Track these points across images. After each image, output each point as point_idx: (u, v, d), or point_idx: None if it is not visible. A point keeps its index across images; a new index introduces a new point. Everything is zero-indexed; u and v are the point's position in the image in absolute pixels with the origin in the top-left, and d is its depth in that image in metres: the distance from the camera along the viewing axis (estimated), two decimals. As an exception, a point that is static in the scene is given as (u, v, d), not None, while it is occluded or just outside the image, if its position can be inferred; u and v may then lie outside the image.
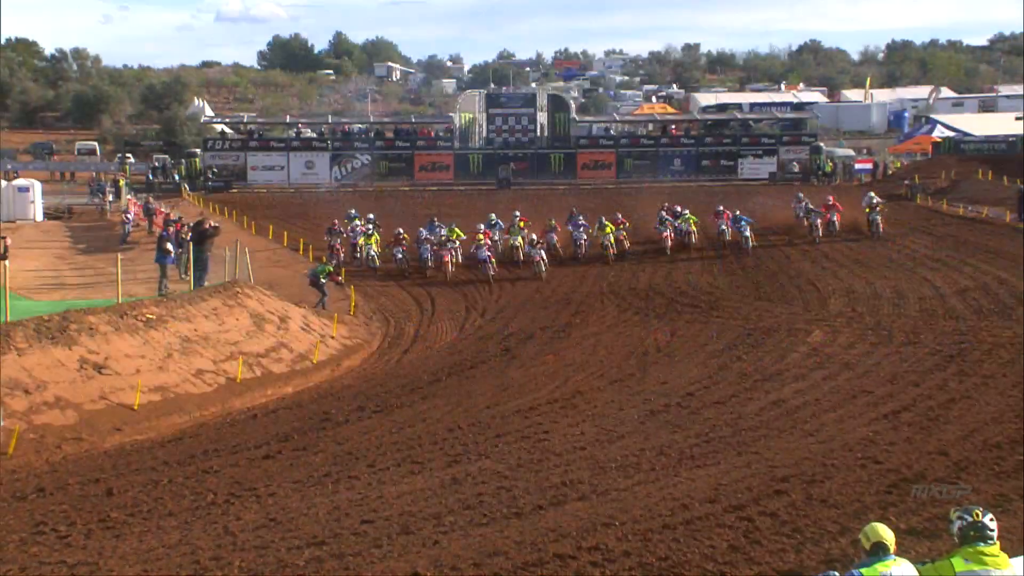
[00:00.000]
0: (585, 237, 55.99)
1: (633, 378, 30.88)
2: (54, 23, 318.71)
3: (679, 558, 15.91)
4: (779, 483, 19.37)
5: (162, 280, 39.22)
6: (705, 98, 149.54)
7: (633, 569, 15.56)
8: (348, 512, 19.32)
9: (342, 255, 53.99)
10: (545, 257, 51.59)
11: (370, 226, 57.99)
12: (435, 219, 57.25)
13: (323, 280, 43.37)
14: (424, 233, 54.20)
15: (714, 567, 15.44)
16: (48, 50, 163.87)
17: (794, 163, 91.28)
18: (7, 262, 31.20)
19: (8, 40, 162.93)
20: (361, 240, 55.67)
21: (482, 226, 54.42)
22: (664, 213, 58.40)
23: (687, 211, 58.56)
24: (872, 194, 61.34)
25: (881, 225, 56.56)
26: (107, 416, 27.75)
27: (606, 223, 55.83)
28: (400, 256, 53.06)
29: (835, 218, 57.65)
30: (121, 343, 30.27)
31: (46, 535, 19.49)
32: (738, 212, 57.44)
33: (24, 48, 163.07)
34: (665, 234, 55.30)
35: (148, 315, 32.19)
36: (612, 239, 54.45)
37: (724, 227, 55.84)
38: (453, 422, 26.95)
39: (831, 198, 59.28)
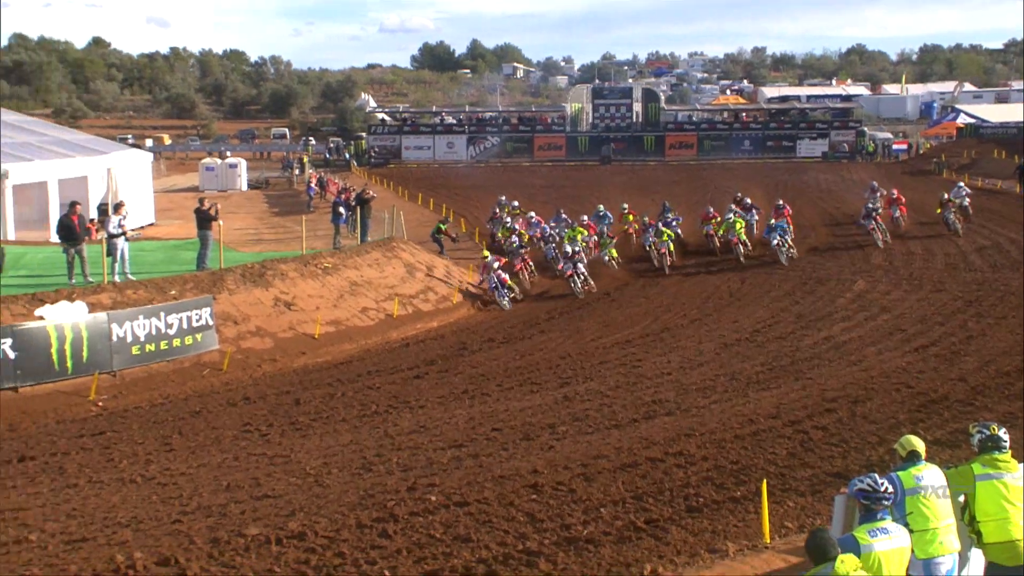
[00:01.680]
0: (680, 232, 46.09)
1: (710, 318, 31.09)
2: (258, 37, 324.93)
3: (747, 462, 16.10)
4: (829, 403, 19.42)
5: (336, 236, 39.93)
6: (770, 91, 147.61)
7: (710, 470, 15.75)
8: (481, 422, 19.82)
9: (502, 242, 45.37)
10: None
11: (507, 218, 49.09)
12: (561, 211, 49.10)
13: (439, 236, 44.04)
14: (547, 230, 44.47)
15: (775, 469, 15.55)
16: (253, 58, 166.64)
17: (844, 143, 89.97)
18: (220, 222, 31.89)
19: (224, 51, 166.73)
20: (500, 233, 47.24)
21: (586, 218, 45.49)
22: (735, 206, 47.51)
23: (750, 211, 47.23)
24: (962, 184, 50.99)
25: (960, 224, 44.73)
26: (294, 343, 28.60)
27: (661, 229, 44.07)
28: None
29: (899, 212, 45.90)
30: (305, 286, 31.02)
31: (251, 433, 20.42)
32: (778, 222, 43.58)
33: (235, 57, 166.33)
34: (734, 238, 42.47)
35: (325, 264, 32.87)
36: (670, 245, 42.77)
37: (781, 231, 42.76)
38: (565, 351, 27.47)
39: (895, 191, 47.86)
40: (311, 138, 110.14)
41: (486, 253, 36.79)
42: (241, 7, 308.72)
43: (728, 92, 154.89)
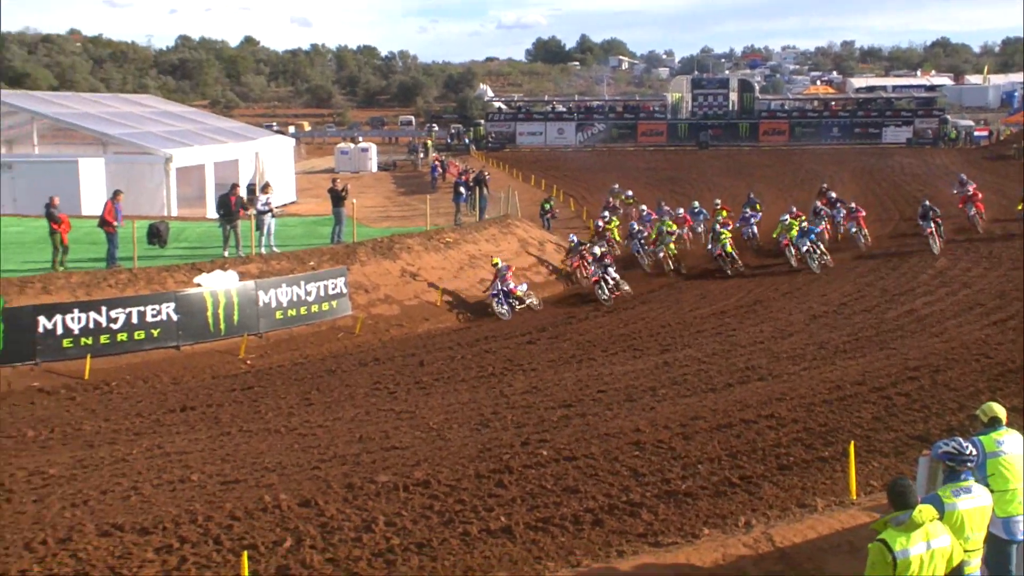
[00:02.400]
0: (755, 231, 39.71)
1: (800, 291, 30.52)
2: (388, 34, 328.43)
3: (834, 424, 15.86)
4: (911, 371, 18.96)
5: (457, 214, 40.06)
6: (858, 82, 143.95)
7: (799, 432, 15.57)
8: (588, 384, 19.80)
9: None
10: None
11: (606, 213, 41.71)
12: (663, 202, 44.41)
13: (544, 213, 43.95)
14: (634, 226, 38.09)
15: (861, 432, 15.26)
16: (384, 52, 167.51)
17: (928, 130, 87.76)
18: (354, 201, 32.26)
19: (358, 47, 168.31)
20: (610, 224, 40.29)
21: (681, 211, 40.87)
22: (819, 204, 41.21)
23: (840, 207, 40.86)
24: None
25: None
26: (419, 310, 28.81)
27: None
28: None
29: (974, 210, 39.40)
30: (428, 258, 31.15)
31: (381, 390, 20.69)
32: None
33: (368, 52, 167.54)
34: (822, 227, 37.44)
35: (447, 239, 32.97)
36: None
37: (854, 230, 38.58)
38: (665, 321, 27.33)
39: (971, 188, 40.67)
40: (434, 125, 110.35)
41: (496, 260, 30.65)
42: (374, 7, 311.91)
43: (818, 83, 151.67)
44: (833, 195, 43.08)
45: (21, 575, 11.32)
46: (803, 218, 37.43)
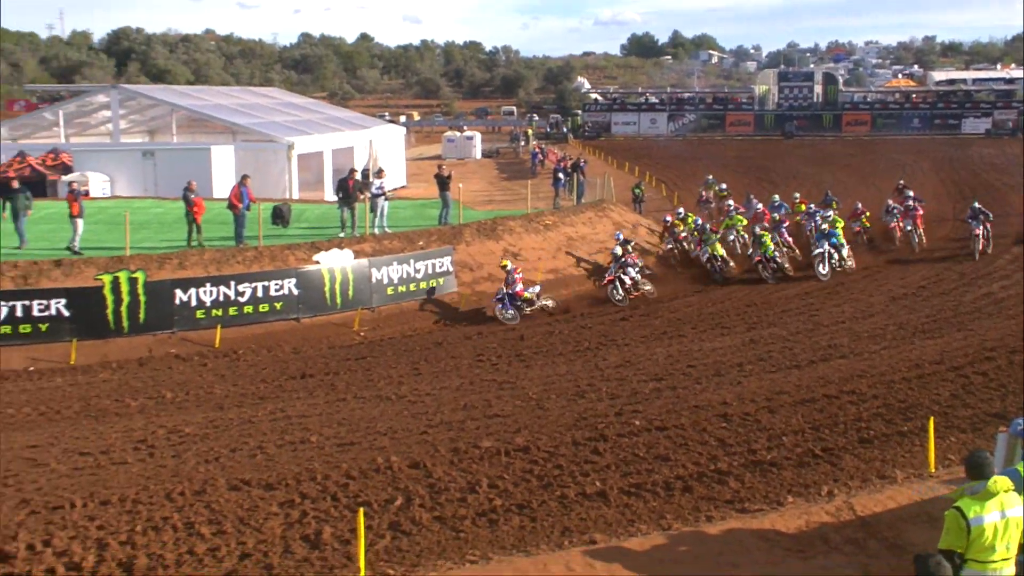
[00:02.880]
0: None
1: (880, 275, 30.01)
2: (492, 30, 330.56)
3: (913, 401, 15.59)
4: (988, 352, 18.46)
5: (556, 198, 40.00)
6: (938, 75, 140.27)
7: (880, 407, 15.33)
8: (678, 359, 19.67)
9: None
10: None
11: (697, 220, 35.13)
12: (752, 195, 40.66)
13: (636, 198, 43.79)
14: (698, 221, 33.76)
15: (939, 408, 14.96)
16: (488, 47, 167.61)
17: (1008, 121, 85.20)
18: (460, 185, 32.40)
19: (464, 42, 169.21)
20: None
21: (760, 206, 37.48)
22: (892, 202, 36.92)
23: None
24: None
25: None
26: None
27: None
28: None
29: None
30: (529, 240, 31.08)
31: (484, 362, 20.82)
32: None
33: (473, 47, 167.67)
34: (893, 224, 34.48)
35: (547, 221, 32.81)
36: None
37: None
38: (751, 300, 27.08)
39: None
40: (535, 115, 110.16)
41: (505, 262, 27.09)
42: (480, 5, 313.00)
43: (900, 76, 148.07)
44: (911, 193, 38.23)
45: (163, 521, 11.70)
46: (835, 218, 32.91)
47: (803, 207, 37.16)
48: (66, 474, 13.88)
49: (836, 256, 30.18)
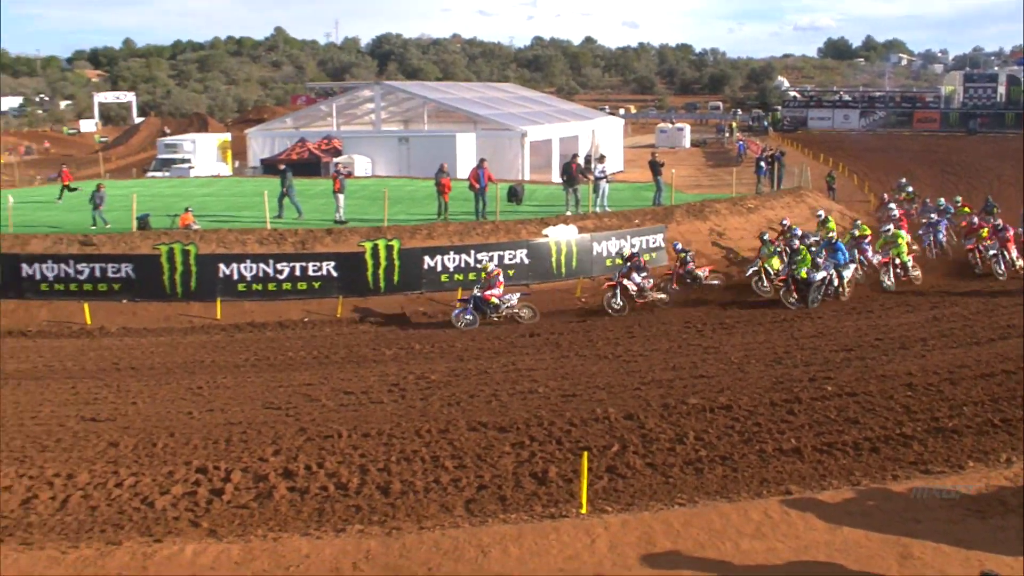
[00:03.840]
0: (943, 238, 28.95)
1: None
2: (702, 33, 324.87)
3: None
4: None
5: (758, 185, 38.74)
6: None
7: None
8: (867, 332, 18.82)
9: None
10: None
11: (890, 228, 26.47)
12: (928, 200, 35.21)
13: (829, 183, 42.11)
14: (796, 232, 26.61)
15: None
16: (697, 49, 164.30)
17: None
18: (673, 171, 31.88)
19: (677, 44, 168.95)
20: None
21: (897, 212, 31.81)
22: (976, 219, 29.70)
23: None
24: None
25: None
26: (723, 263, 27.88)
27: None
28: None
29: None
30: (733, 221, 30.22)
31: (691, 328, 20.35)
32: None
33: (684, 48, 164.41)
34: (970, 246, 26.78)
35: (749, 205, 31.91)
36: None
37: None
38: (933, 282, 25.32)
39: None
40: (739, 110, 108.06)
41: (488, 264, 23.09)
42: (691, 11, 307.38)
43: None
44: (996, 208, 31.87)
45: (413, 454, 12.02)
46: (895, 232, 25.57)
47: (966, 210, 32.10)
48: (334, 409, 14.49)
49: (836, 281, 22.94)
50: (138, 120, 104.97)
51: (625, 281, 22.89)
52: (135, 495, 11.11)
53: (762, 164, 39.16)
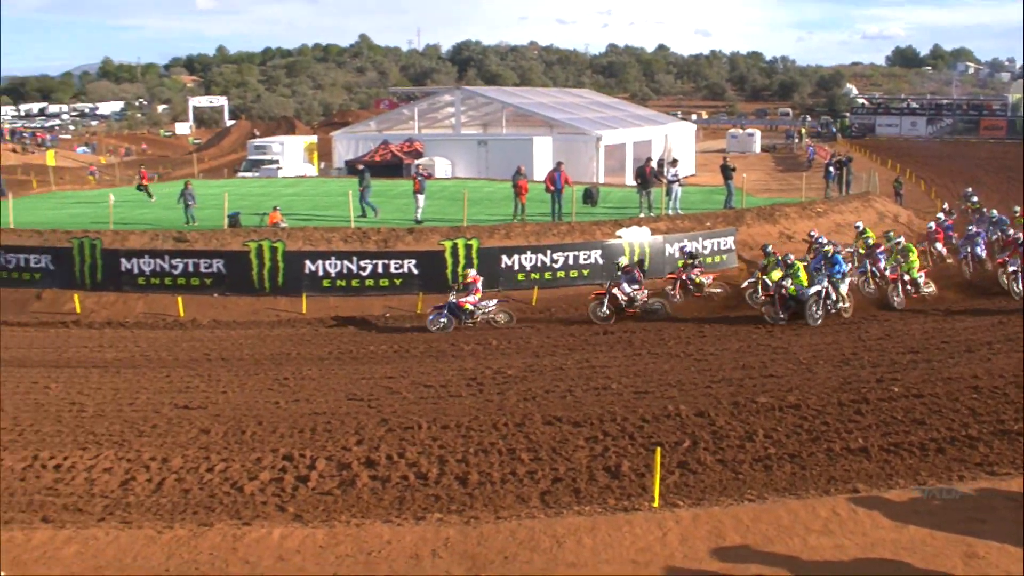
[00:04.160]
0: (982, 252, 25.95)
1: None
2: (772, 42, 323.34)
3: None
4: None
5: (826, 189, 37.97)
6: None
7: None
8: (932, 335, 18.31)
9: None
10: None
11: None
12: (984, 209, 32.25)
13: (897, 188, 41.39)
14: (822, 243, 23.99)
15: None
16: (768, 57, 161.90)
17: None
18: (744, 175, 31.45)
19: (747, 52, 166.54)
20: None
21: (932, 224, 29.01)
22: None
23: None
24: None
25: None
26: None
27: None
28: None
29: None
30: (802, 224, 29.42)
31: (760, 329, 19.90)
32: None
33: (755, 56, 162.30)
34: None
35: (818, 209, 31.35)
36: None
37: None
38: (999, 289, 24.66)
39: None
40: (807, 116, 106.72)
41: (467, 271, 22.06)
42: (762, 21, 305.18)
43: None
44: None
45: (490, 446, 12.02)
46: (906, 245, 23.54)
47: (1023, 220, 29.19)
48: (414, 401, 14.56)
49: (834, 296, 20.48)
50: (229, 123, 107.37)
51: (615, 290, 21.66)
52: (225, 480, 11.31)
53: (831, 169, 38.56)
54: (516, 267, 24.24)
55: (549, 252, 24.47)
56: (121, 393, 15.64)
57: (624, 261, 22.88)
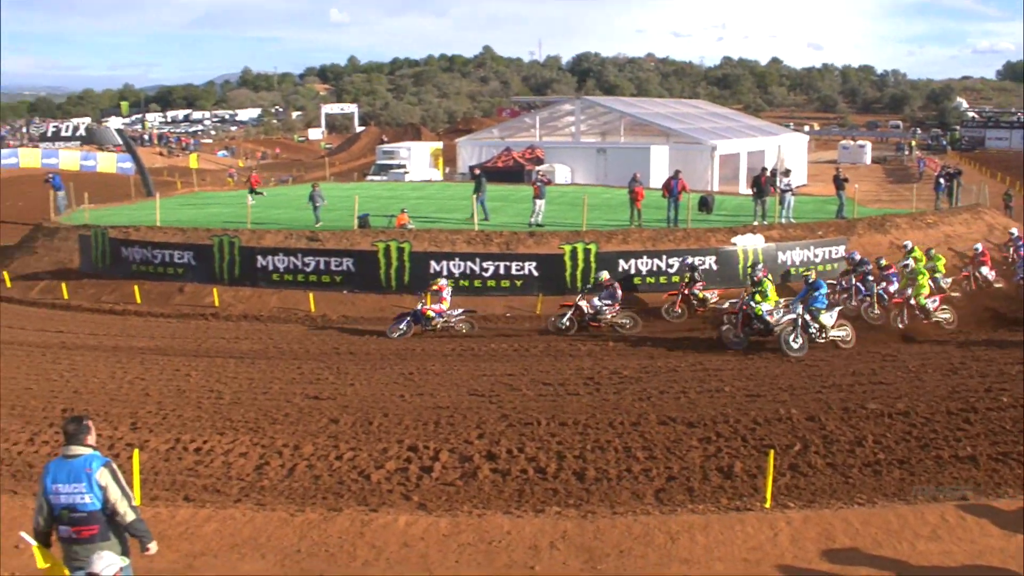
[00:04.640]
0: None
1: None
2: (884, 55, 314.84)
3: None
4: None
5: (936, 201, 36.28)
6: None
7: None
8: None
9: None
10: None
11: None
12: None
13: (1006, 201, 39.18)
14: (854, 257, 23.65)
15: None
16: (879, 70, 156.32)
17: None
18: (856, 186, 30.31)
19: (859, 65, 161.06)
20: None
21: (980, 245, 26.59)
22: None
23: None
24: None
25: None
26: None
27: None
28: None
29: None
30: (912, 235, 27.43)
31: (869, 336, 19.30)
32: None
33: (866, 69, 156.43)
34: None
35: (928, 220, 29.91)
36: None
37: None
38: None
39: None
40: (918, 129, 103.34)
41: (439, 280, 21.75)
42: (874, 34, 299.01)
43: None
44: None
45: (606, 444, 11.91)
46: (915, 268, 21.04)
47: None
48: (533, 398, 14.53)
49: (814, 326, 17.98)
50: (359, 129, 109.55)
51: (582, 303, 20.67)
52: (353, 468, 11.48)
53: (941, 181, 37.06)
54: (633, 271, 23.94)
55: (665, 257, 24.08)
56: (256, 382, 16.08)
57: (605, 275, 21.55)
